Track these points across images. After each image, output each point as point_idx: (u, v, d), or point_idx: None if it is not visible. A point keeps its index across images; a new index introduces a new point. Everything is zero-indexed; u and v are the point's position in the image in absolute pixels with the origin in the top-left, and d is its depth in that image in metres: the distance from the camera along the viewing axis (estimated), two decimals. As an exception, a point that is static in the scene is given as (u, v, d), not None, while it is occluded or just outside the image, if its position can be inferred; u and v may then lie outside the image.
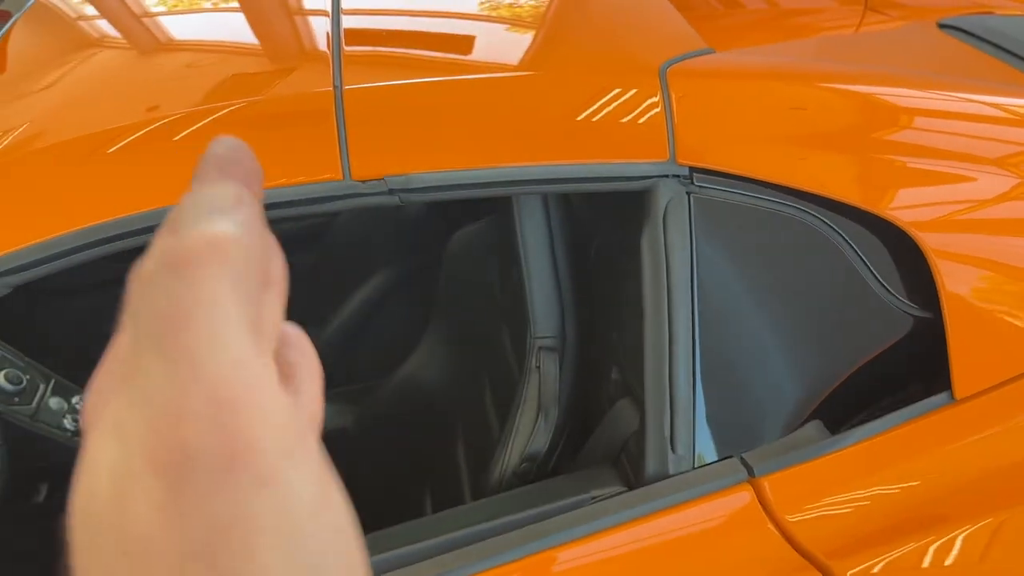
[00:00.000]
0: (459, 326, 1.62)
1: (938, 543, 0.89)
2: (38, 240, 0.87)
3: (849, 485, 0.93)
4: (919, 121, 1.03)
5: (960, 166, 0.99)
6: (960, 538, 0.89)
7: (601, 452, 1.07)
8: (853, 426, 0.98)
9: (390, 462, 1.72)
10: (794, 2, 1.67)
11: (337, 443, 1.69)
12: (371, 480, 1.78)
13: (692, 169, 0.94)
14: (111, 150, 0.90)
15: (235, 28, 1.21)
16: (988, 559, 0.89)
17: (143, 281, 0.23)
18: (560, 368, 1.13)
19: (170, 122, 0.92)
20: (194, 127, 0.92)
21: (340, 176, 0.90)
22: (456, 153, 0.93)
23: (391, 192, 0.90)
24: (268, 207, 0.89)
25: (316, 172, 0.90)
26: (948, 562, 0.88)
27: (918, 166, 0.99)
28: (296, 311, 1.19)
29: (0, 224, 0.89)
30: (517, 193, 0.94)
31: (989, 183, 0.99)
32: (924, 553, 0.89)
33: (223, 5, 1.30)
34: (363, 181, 0.90)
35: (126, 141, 0.91)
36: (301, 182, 0.91)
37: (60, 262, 0.88)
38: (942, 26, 1.37)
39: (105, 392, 0.24)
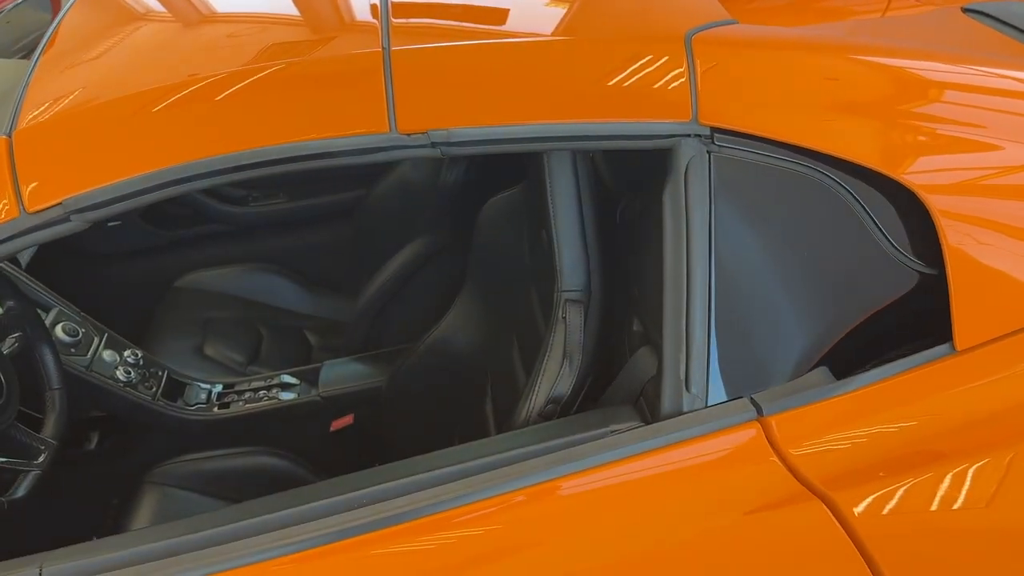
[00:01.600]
0: (489, 289, 1.70)
1: (935, 476, 0.95)
2: (112, 181, 0.96)
3: (852, 424, 1.00)
4: (944, 94, 1.09)
5: (978, 133, 1.05)
6: (957, 473, 0.95)
7: (622, 395, 1.15)
8: (858, 372, 1.05)
9: (421, 417, 1.81)
10: (821, -12, 1.72)
11: (372, 401, 1.78)
12: (402, 433, 1.87)
13: (713, 129, 1.01)
14: (168, 103, 0.99)
15: (279, 2, 1.29)
16: (984, 493, 0.95)
17: None
18: (585, 319, 1.21)
19: (214, 81, 1.00)
20: (238, 85, 1.00)
21: (387, 129, 0.98)
22: (494, 111, 1.00)
23: (433, 145, 0.99)
24: (317, 156, 0.98)
25: (364, 125, 0.99)
26: (944, 495, 0.94)
27: (935, 135, 1.05)
28: (335, 280, 1.31)
29: (78, 166, 0.98)
30: (549, 149, 1.01)
31: (1007, 154, 1.05)
32: (922, 486, 0.95)
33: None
34: (408, 134, 0.98)
35: (183, 94, 0.99)
36: (349, 134, 0.99)
37: (131, 201, 0.97)
38: (967, 11, 1.42)
39: None
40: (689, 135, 1.02)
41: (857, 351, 1.08)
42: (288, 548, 0.92)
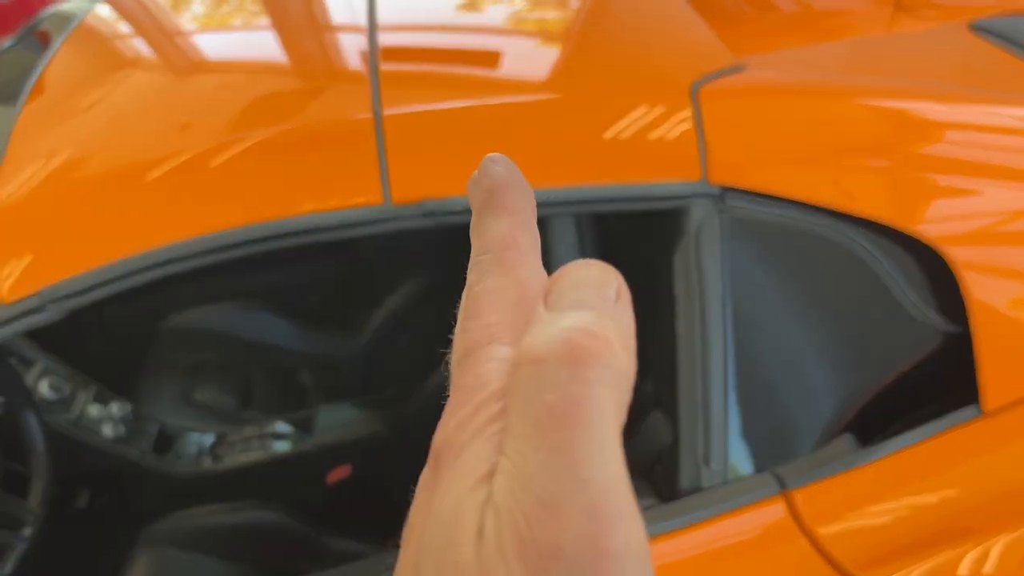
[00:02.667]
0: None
1: (969, 555, 0.90)
2: (90, 267, 0.90)
3: (880, 497, 0.95)
4: (949, 135, 1.05)
5: (988, 181, 1.00)
6: (991, 550, 0.90)
7: (633, 465, 1.09)
8: (885, 438, 1.00)
9: (424, 466, 1.75)
10: (825, 3, 1.68)
11: (371, 447, 1.72)
12: (406, 485, 1.81)
13: (724, 189, 0.96)
14: (149, 179, 0.93)
15: (268, 46, 1.24)
16: (1019, 568, 0.90)
17: (535, 364, 0.24)
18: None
19: (206, 151, 0.95)
20: (229, 154, 0.95)
21: (380, 200, 0.92)
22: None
23: (426, 215, 0.93)
24: (308, 232, 0.92)
25: (357, 195, 0.93)
26: (976, 571, 0.89)
27: (946, 182, 1.00)
28: (331, 317, 1.23)
29: (55, 250, 0.93)
30: (548, 215, 0.96)
31: (1018, 196, 1.00)
32: (956, 564, 0.90)
33: (256, 23, 1.33)
34: (399, 205, 0.92)
35: (165, 170, 0.94)
36: (340, 207, 0.93)
37: (111, 287, 0.91)
38: (974, 28, 1.38)
39: (468, 435, 0.26)
40: (699, 195, 0.96)
41: (882, 414, 1.03)
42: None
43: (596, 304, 0.25)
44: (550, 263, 1.17)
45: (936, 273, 0.99)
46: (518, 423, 0.24)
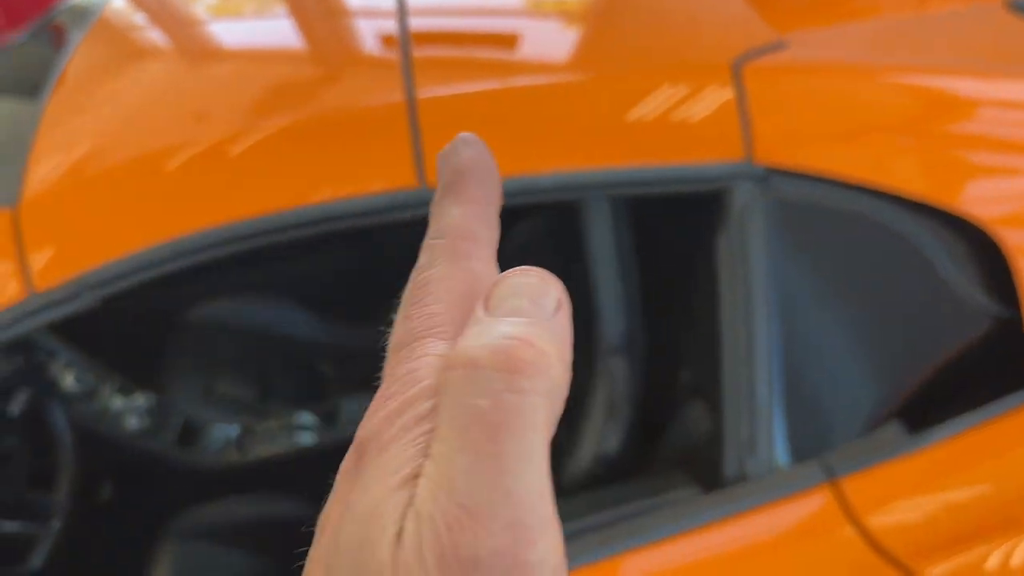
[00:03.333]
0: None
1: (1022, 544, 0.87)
2: (123, 254, 0.89)
3: (930, 486, 0.92)
4: (996, 113, 1.01)
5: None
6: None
7: (673, 454, 1.07)
8: (934, 426, 0.97)
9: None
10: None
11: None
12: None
13: (769, 169, 0.93)
14: (178, 165, 0.92)
15: (289, 33, 1.22)
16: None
17: (470, 368, 0.24)
18: (630, 369, 1.13)
19: (232, 136, 0.94)
20: (257, 139, 0.93)
21: (416, 183, 0.90)
22: (528, 158, 0.93)
23: None
24: (344, 217, 0.90)
25: (391, 180, 0.91)
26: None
27: (995, 161, 0.97)
28: (350, 307, 1.21)
29: (82, 241, 0.91)
30: (584, 197, 0.94)
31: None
32: (1010, 554, 0.87)
33: (277, 10, 1.31)
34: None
35: (194, 154, 0.93)
36: (373, 191, 0.91)
37: (146, 274, 0.89)
38: (1012, 6, 1.34)
39: (395, 432, 0.26)
40: (743, 177, 0.94)
41: (930, 400, 1.00)
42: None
43: (533, 313, 0.25)
44: (584, 249, 1.14)
45: (988, 256, 0.96)
46: (447, 427, 0.24)
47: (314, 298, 2.40)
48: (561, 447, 1.19)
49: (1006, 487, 0.92)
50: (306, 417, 1.90)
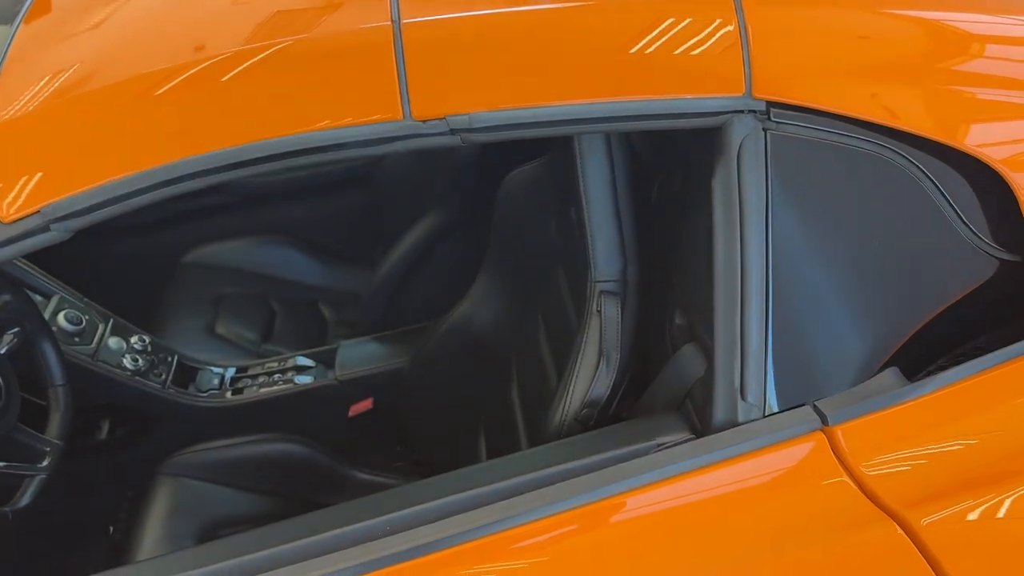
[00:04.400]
0: (512, 267, 1.59)
1: (1017, 495, 0.85)
2: (95, 184, 0.86)
3: (926, 435, 0.90)
4: (1005, 50, 0.97)
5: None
6: (1045, 490, 0.86)
7: (664, 398, 1.05)
8: (931, 373, 0.94)
9: (444, 402, 1.73)
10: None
11: (392, 383, 1.70)
12: (425, 419, 1.79)
13: (769, 103, 0.89)
14: (160, 92, 0.88)
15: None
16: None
17: None
18: (622, 312, 1.11)
19: (218, 62, 0.90)
20: (242, 66, 0.90)
21: (400, 116, 0.87)
22: (519, 91, 0.89)
23: (453, 132, 0.87)
24: (324, 148, 0.87)
25: (374, 112, 0.87)
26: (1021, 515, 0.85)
27: (1005, 100, 0.93)
28: (349, 251, 1.17)
29: (58, 167, 0.88)
30: (582, 132, 0.90)
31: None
32: (1004, 506, 0.85)
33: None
34: (424, 121, 0.86)
35: (175, 82, 0.89)
36: (359, 123, 0.88)
37: (118, 206, 0.87)
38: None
39: None
40: (742, 111, 0.90)
41: (930, 346, 0.97)
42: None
43: None
44: (579, 184, 1.11)
45: (994, 198, 0.92)
46: None
47: (313, 243, 2.38)
48: (554, 385, 1.17)
49: (1002, 439, 0.90)
50: (303, 359, 1.89)
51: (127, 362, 1.74)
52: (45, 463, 1.35)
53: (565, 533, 0.85)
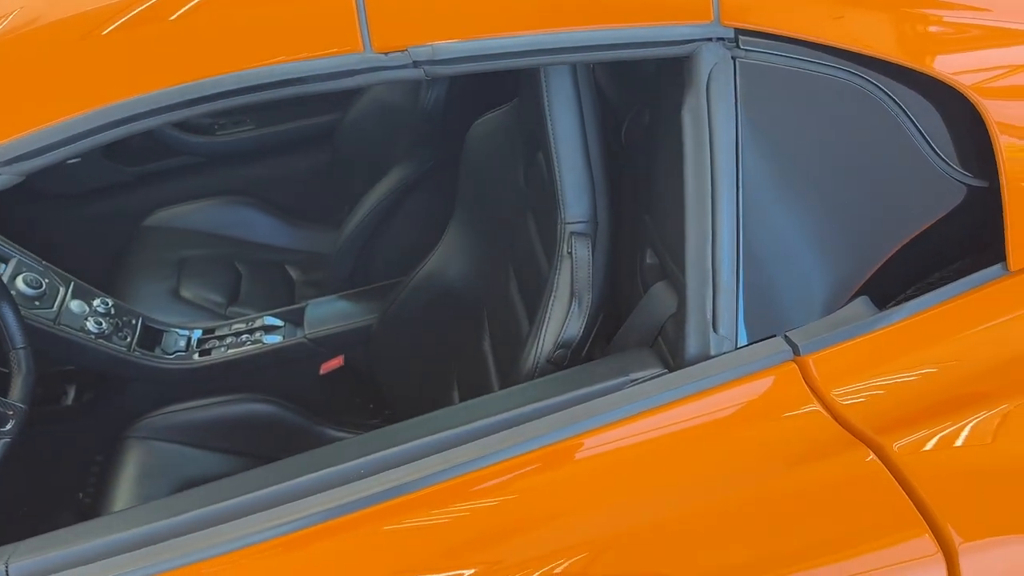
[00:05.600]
0: (481, 218, 1.58)
1: (988, 418, 0.86)
2: (43, 125, 0.83)
3: (897, 362, 0.90)
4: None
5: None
6: (1011, 413, 0.86)
7: (637, 336, 1.04)
8: (901, 301, 0.95)
9: (416, 356, 1.71)
10: None
11: (363, 340, 1.68)
12: (397, 374, 1.78)
13: (738, 31, 0.88)
14: (109, 29, 0.85)
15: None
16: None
17: None
18: (593, 252, 1.09)
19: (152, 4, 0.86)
20: (191, 4, 0.86)
21: (360, 48, 0.84)
22: (483, 20, 0.86)
23: (416, 64, 0.85)
24: (281, 84, 0.84)
25: (334, 44, 0.84)
26: (1000, 434, 0.86)
27: (978, 25, 0.92)
28: (314, 210, 1.15)
29: (5, 109, 0.85)
30: (549, 63, 0.88)
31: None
32: (975, 428, 0.86)
33: None
34: (385, 53, 0.84)
35: (125, 19, 0.85)
36: (317, 56, 0.85)
37: (70, 147, 0.83)
38: None
39: None
40: (710, 39, 0.88)
41: (900, 275, 0.97)
42: (279, 529, 0.82)
43: None
44: (547, 117, 1.09)
45: (963, 123, 0.92)
46: None
47: (277, 203, 2.34)
48: (526, 333, 1.16)
49: (971, 363, 0.90)
50: (271, 319, 1.86)
51: (90, 325, 1.71)
52: (9, 426, 1.32)
53: (533, 470, 0.85)
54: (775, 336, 0.92)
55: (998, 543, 0.80)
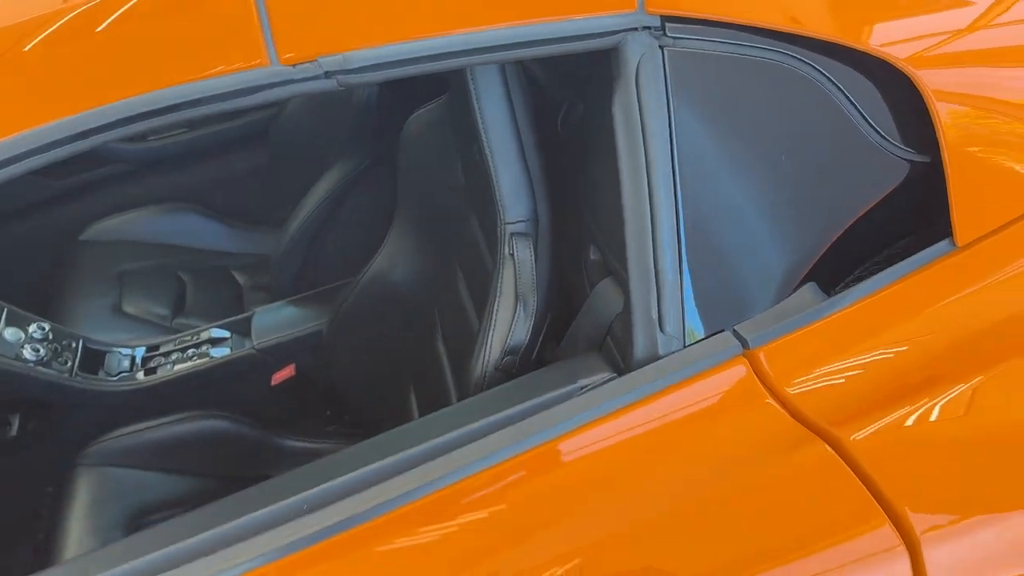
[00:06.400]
0: (424, 216, 1.53)
1: (946, 400, 0.85)
2: None
3: (849, 349, 0.88)
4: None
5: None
6: (968, 394, 0.85)
7: (585, 337, 1.01)
8: (849, 285, 0.92)
9: (369, 360, 1.67)
10: None
11: (313, 347, 1.63)
12: (351, 379, 1.73)
13: (664, 18, 0.84)
14: (27, 47, 0.79)
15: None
16: (993, 411, 0.85)
17: None
18: (535, 254, 1.06)
19: (82, 14, 0.81)
20: (112, 18, 0.81)
21: (266, 61, 0.79)
22: (398, 23, 0.82)
23: (327, 75, 0.80)
24: (182, 106, 0.79)
25: (236, 59, 0.79)
26: (951, 414, 0.84)
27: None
28: (257, 212, 1.09)
29: None
30: (471, 64, 0.84)
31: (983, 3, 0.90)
32: (931, 412, 0.84)
33: None
34: (293, 65, 0.79)
35: (41, 37, 0.80)
36: (223, 72, 0.80)
37: None
38: None
39: None
40: (636, 28, 0.84)
41: (846, 257, 0.95)
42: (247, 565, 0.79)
43: None
44: (478, 116, 1.04)
45: (901, 98, 0.89)
46: None
47: (217, 206, 2.27)
48: (472, 324, 1.13)
49: (924, 346, 0.89)
50: (218, 331, 1.80)
51: (27, 353, 1.63)
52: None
53: (483, 496, 0.81)
54: (723, 331, 0.89)
55: (961, 529, 0.79)
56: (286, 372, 1.73)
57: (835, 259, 0.94)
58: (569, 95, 1.14)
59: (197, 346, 1.78)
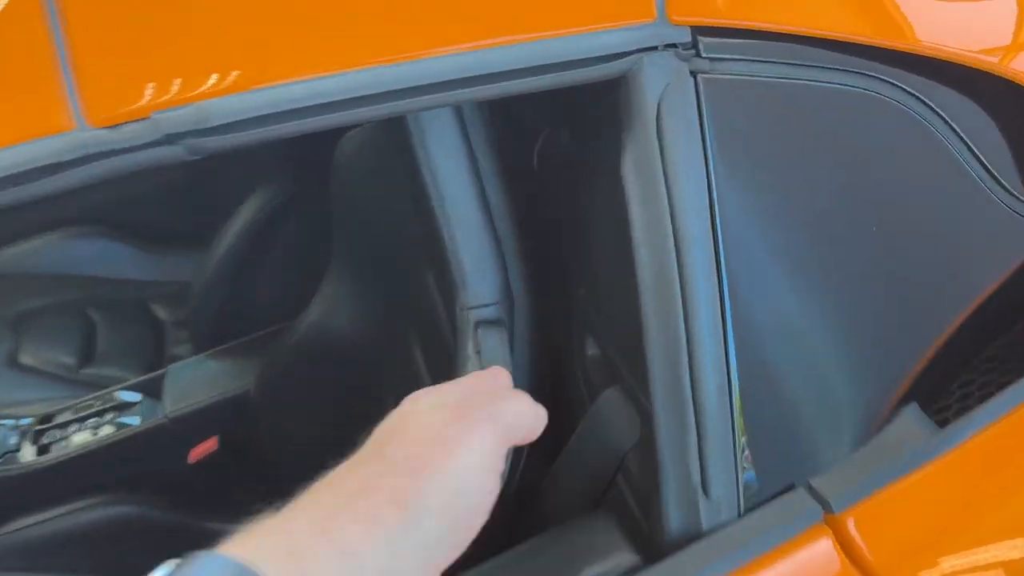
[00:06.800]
0: (365, 258, 1.23)
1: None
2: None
3: (965, 508, 0.61)
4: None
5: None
6: None
7: (587, 470, 0.73)
8: (960, 402, 0.65)
9: (304, 428, 1.38)
10: None
11: (238, 412, 1.32)
12: (284, 449, 1.44)
13: (695, 30, 0.55)
14: None
15: None
16: None
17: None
18: (512, 344, 0.77)
19: None
20: None
21: (71, 125, 0.48)
22: (288, 52, 0.52)
23: (170, 140, 0.50)
24: None
25: (34, 125, 0.49)
26: None
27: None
28: (177, 234, 0.70)
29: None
30: (404, 112, 0.54)
31: None
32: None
33: None
34: (111, 127, 0.48)
35: None
36: (12, 142, 0.49)
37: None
38: None
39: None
40: (656, 47, 0.55)
41: (947, 363, 0.68)
42: None
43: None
44: (427, 182, 0.75)
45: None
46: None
47: (130, 228, 1.95)
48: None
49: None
50: (127, 394, 1.49)
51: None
52: None
53: None
54: (794, 488, 0.61)
55: None
56: (207, 445, 1.43)
57: (935, 366, 0.66)
58: (548, 118, 0.84)
59: (100, 414, 1.47)
